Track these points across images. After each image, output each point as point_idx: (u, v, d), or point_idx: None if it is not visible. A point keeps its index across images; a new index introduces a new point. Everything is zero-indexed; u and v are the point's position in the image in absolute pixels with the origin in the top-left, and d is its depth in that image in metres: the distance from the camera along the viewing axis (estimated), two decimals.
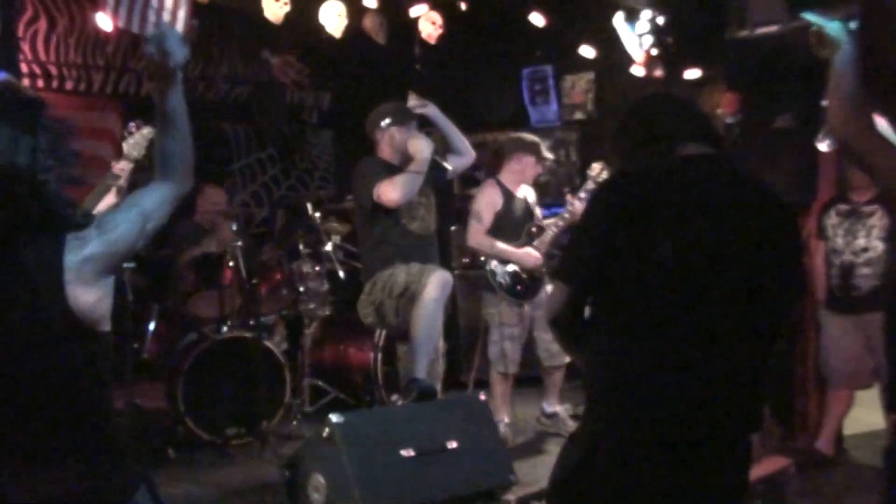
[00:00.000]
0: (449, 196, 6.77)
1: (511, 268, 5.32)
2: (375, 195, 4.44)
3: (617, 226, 2.07)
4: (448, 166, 4.80)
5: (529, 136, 5.59)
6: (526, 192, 5.52)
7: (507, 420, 5.33)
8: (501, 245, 5.29)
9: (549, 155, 5.64)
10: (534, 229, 5.40)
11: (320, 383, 5.76)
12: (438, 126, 4.95)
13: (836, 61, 2.17)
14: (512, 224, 5.37)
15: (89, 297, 1.81)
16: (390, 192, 4.39)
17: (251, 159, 7.52)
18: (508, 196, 5.40)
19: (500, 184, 5.42)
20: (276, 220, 7.26)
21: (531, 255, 5.30)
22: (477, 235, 5.35)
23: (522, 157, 5.42)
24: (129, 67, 6.65)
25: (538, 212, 5.62)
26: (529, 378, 5.77)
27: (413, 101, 4.86)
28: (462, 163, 5.02)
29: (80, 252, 1.80)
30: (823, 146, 2.88)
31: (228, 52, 7.19)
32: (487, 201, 5.37)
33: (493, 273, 5.30)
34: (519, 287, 5.30)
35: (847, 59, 2.15)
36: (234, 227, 5.48)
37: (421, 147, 4.50)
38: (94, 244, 1.82)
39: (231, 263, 5.35)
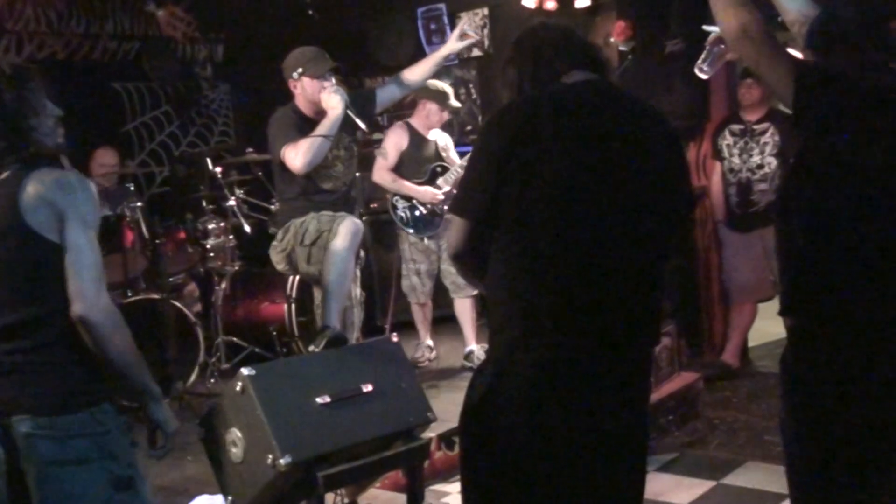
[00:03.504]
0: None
1: (411, 203, 5.56)
2: (282, 157, 4.27)
3: (507, 154, 2.09)
4: (364, 126, 4.40)
5: (438, 84, 5.59)
6: (437, 136, 5.70)
7: (429, 342, 5.74)
8: (401, 181, 5.53)
9: (455, 104, 5.68)
10: (438, 169, 5.60)
11: (235, 339, 5.70)
12: (438, 55, 4.63)
13: None
14: (416, 164, 5.59)
15: None
16: (293, 158, 4.20)
17: (147, 118, 7.28)
18: (416, 137, 5.60)
19: (409, 126, 5.64)
20: (178, 178, 7.09)
21: (428, 192, 5.51)
22: (380, 171, 5.59)
23: (426, 104, 5.58)
24: (7, 29, 6.36)
25: (453, 155, 5.74)
26: (451, 317, 5.83)
27: (466, 27, 4.80)
28: (396, 96, 4.75)
29: None
30: (703, 73, 2.93)
31: (112, 7, 6.92)
32: (394, 141, 5.59)
33: (395, 206, 5.61)
34: (418, 222, 5.56)
35: None
36: (132, 188, 5.36)
37: (333, 103, 4.23)
38: None
39: (132, 225, 5.22)
